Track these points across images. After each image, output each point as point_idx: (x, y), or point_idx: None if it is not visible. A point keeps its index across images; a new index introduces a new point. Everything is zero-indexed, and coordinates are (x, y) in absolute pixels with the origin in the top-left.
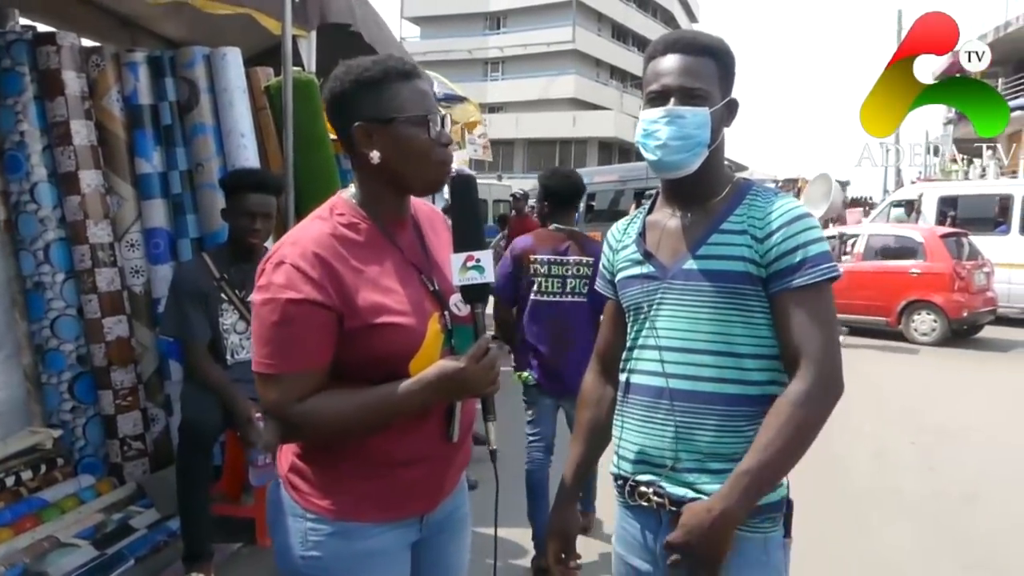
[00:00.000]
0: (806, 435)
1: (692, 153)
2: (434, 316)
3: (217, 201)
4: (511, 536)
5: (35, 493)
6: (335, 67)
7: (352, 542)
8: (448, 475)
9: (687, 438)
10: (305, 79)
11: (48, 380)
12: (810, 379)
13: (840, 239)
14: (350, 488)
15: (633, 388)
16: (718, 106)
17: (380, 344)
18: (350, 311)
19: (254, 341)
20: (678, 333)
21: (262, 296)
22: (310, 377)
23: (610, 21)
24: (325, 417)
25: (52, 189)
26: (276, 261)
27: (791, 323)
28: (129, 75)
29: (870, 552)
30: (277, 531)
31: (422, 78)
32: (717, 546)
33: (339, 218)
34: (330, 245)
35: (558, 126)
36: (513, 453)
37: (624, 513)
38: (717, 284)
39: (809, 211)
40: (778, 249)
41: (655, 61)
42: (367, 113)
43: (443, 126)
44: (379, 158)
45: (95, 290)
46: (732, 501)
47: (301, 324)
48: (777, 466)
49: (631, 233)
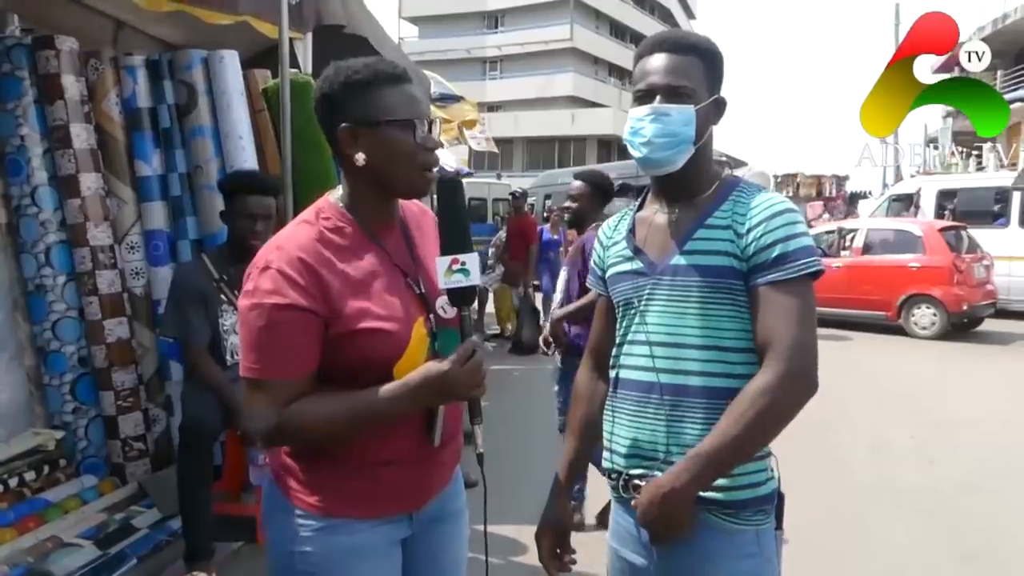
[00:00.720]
0: (767, 425)
1: (677, 150)
2: (419, 320)
3: (216, 203)
4: (512, 534)
5: (38, 494)
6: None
7: (339, 537)
8: (434, 475)
9: (677, 431)
10: (302, 81)
11: (50, 382)
12: (777, 370)
13: (839, 233)
14: (334, 486)
15: (623, 383)
16: (704, 104)
17: (364, 349)
18: (335, 316)
19: (241, 346)
20: (667, 328)
21: (249, 301)
22: (296, 382)
23: (608, 19)
24: (310, 422)
25: (52, 192)
26: (262, 266)
27: (765, 315)
28: (128, 78)
29: (868, 544)
30: (269, 526)
31: (412, 82)
32: (668, 521)
33: (324, 222)
34: (315, 250)
35: (557, 124)
36: (514, 450)
37: (618, 507)
38: (703, 279)
39: (793, 206)
40: (757, 243)
41: (643, 60)
42: (354, 115)
43: (431, 131)
44: (364, 160)
45: (96, 292)
46: (681, 481)
47: (288, 329)
48: (732, 452)
49: (621, 229)
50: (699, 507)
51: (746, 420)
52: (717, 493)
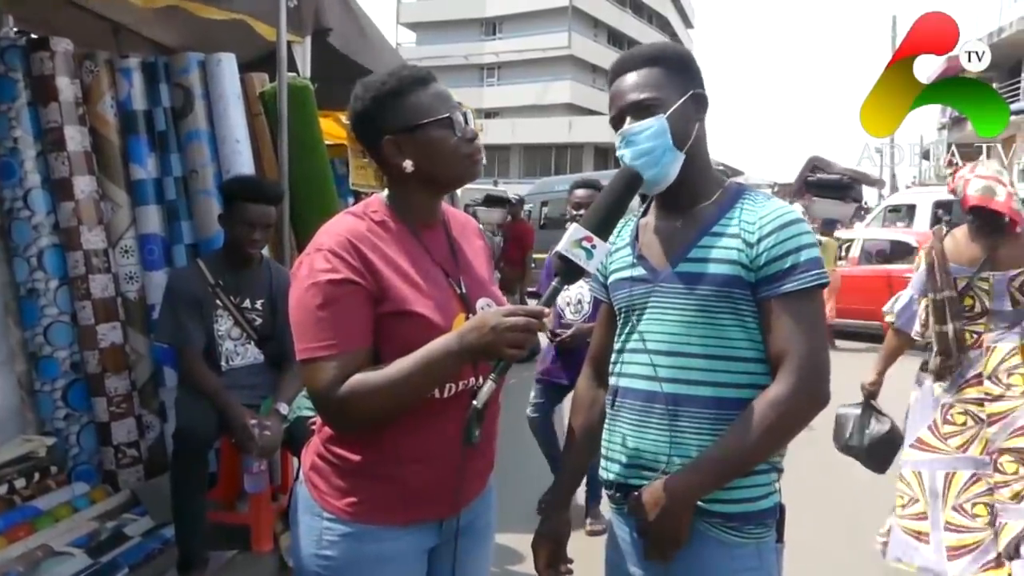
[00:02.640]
0: (777, 436)
1: (663, 163)
2: (460, 316)
3: (212, 207)
4: (509, 543)
5: (28, 501)
6: (329, 72)
7: (365, 545)
8: (466, 480)
9: (680, 441)
10: (300, 85)
11: (42, 387)
12: (790, 382)
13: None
14: (364, 489)
15: (623, 392)
16: (675, 107)
17: (406, 333)
18: (383, 296)
19: (297, 332)
20: (668, 336)
21: (304, 284)
22: (354, 358)
23: (606, 27)
24: (369, 390)
25: (46, 195)
26: (313, 250)
27: (778, 327)
28: (123, 81)
29: (866, 553)
30: (296, 527)
31: (437, 81)
32: (667, 523)
33: (372, 215)
34: (363, 236)
35: (554, 131)
36: (510, 458)
37: (616, 518)
38: (707, 287)
39: (801, 216)
40: (768, 254)
41: (611, 89)
42: (392, 125)
43: (467, 122)
44: (412, 166)
45: (89, 296)
46: (685, 483)
47: (344, 303)
48: (739, 460)
49: (624, 236)
50: (700, 519)
51: (757, 430)
52: (719, 505)
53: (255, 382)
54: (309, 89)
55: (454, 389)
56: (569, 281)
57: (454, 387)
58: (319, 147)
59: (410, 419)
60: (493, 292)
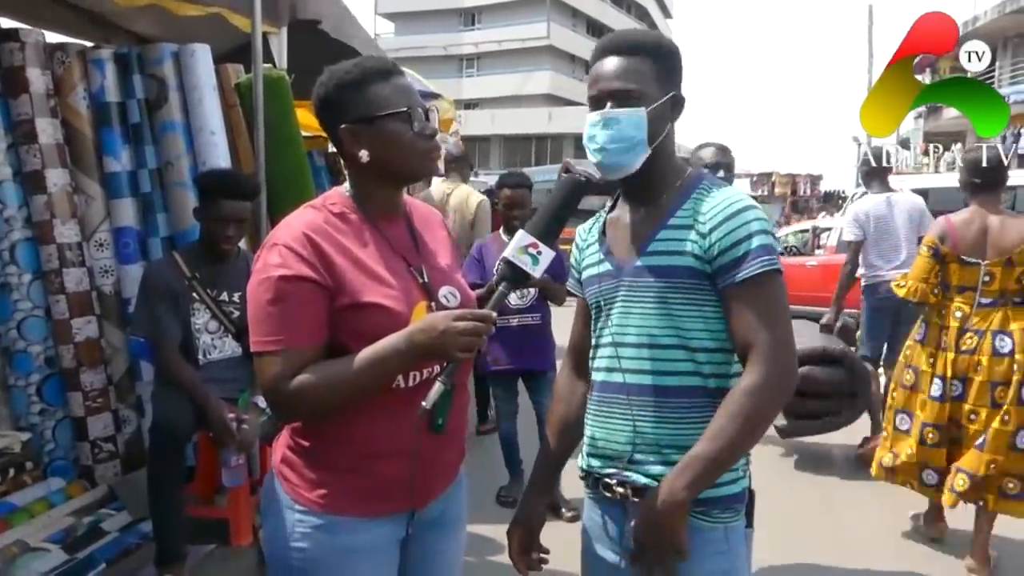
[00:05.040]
0: (757, 425)
1: (632, 154)
2: (421, 304)
3: (187, 200)
4: (485, 532)
5: (3, 497)
6: (305, 64)
7: (337, 536)
8: (435, 471)
9: (643, 431)
10: (276, 76)
11: (16, 383)
12: (762, 370)
13: (813, 233)
14: (334, 480)
15: (596, 385)
16: (656, 104)
17: (366, 324)
18: (339, 289)
19: (251, 324)
20: (632, 329)
21: (257, 278)
22: (305, 352)
23: (585, 17)
24: (317, 386)
25: (17, 188)
26: (269, 245)
27: (740, 317)
28: (96, 72)
29: (840, 532)
30: (268, 520)
31: (402, 75)
32: (667, 532)
33: (331, 207)
34: (321, 229)
35: (534, 122)
36: (490, 448)
37: (591, 505)
38: (665, 280)
39: (753, 202)
40: (720, 244)
41: (595, 66)
42: (351, 114)
43: (427, 119)
44: (368, 156)
45: (63, 291)
46: (677, 487)
47: (294, 300)
48: (726, 454)
49: (595, 232)
50: None
51: (739, 421)
52: None
53: (233, 376)
54: (285, 80)
55: (419, 378)
56: (515, 286)
57: (418, 375)
58: (296, 139)
59: (378, 408)
60: (456, 280)
